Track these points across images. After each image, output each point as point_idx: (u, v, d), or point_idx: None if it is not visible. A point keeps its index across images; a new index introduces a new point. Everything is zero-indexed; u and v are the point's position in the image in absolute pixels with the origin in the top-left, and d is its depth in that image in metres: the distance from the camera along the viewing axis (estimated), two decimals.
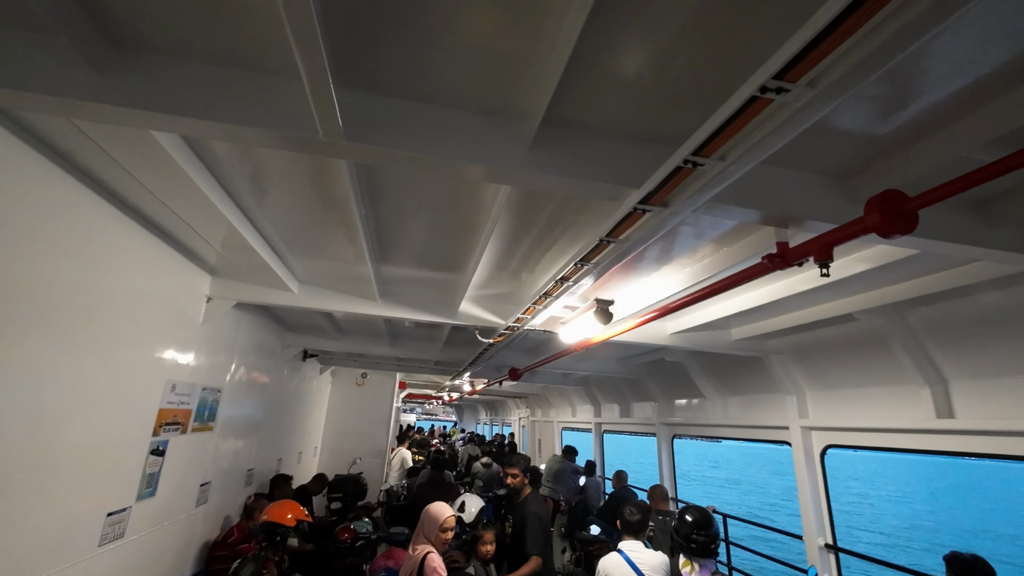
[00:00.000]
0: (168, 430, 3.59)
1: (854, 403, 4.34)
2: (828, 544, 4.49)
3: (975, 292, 3.09)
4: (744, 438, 5.99)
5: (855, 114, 1.81)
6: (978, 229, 2.26)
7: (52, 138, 2.14)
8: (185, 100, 1.66)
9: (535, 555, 3.66)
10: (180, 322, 3.71)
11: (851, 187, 2.17)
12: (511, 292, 4.30)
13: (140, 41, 1.67)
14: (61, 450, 2.54)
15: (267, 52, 1.67)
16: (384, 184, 2.58)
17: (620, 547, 3.29)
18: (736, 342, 4.73)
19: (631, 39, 1.53)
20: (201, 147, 2.26)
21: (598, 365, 7.38)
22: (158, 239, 3.23)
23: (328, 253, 3.66)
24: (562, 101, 1.77)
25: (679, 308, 2.97)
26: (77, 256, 2.52)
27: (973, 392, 3.41)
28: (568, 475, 8.52)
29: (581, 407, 11.10)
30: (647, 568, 3.12)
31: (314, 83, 1.44)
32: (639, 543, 3.30)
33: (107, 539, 2.95)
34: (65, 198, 2.38)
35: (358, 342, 7.29)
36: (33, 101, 1.62)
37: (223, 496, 4.90)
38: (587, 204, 2.62)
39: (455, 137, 1.86)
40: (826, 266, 1.95)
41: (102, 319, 2.77)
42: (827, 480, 4.63)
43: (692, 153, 1.51)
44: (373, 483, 8.92)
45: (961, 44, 1.45)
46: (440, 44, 1.60)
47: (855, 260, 2.86)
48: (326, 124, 1.63)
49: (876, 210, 1.63)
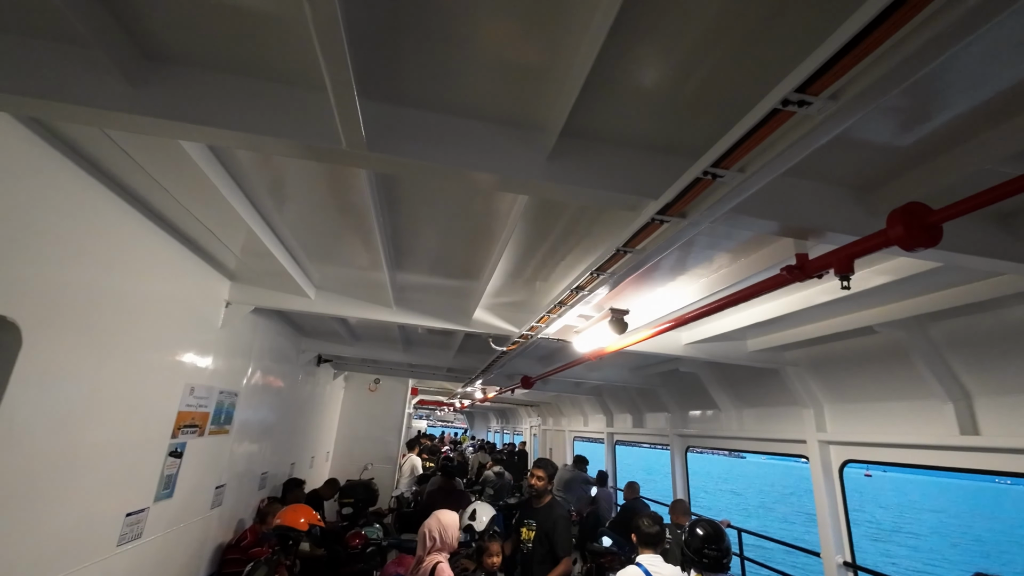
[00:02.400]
0: (186, 432, 3.65)
1: (874, 418, 4.25)
2: (847, 562, 4.38)
3: (999, 306, 3.02)
4: (760, 451, 5.89)
5: (877, 126, 1.80)
6: (1003, 242, 2.22)
7: (81, 145, 2.21)
8: (214, 111, 1.71)
9: (566, 557, 3.75)
10: (199, 326, 3.78)
11: (872, 199, 2.15)
12: (525, 300, 4.31)
13: (171, 54, 1.72)
14: (83, 451, 2.59)
15: (293, 64, 1.71)
16: (402, 192, 2.61)
17: (639, 560, 3.21)
18: (752, 353, 4.67)
19: (651, 51, 1.54)
20: (225, 155, 2.32)
21: (611, 374, 7.33)
22: (180, 244, 3.30)
23: (345, 259, 3.71)
24: (581, 112, 1.78)
25: (695, 319, 2.94)
26: (101, 260, 2.59)
27: (999, 408, 3.32)
28: (579, 485, 8.45)
29: (593, 416, 11.02)
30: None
31: (339, 95, 1.47)
32: (658, 557, 3.22)
33: (125, 539, 3.00)
34: (91, 203, 2.44)
35: (372, 348, 7.34)
36: (68, 111, 1.68)
37: (237, 499, 4.96)
38: (603, 214, 2.62)
39: (475, 147, 1.88)
40: (847, 278, 1.92)
41: (124, 322, 2.83)
42: (846, 496, 4.53)
43: (712, 165, 1.51)
44: (384, 489, 8.94)
45: (985, 56, 1.44)
46: (461, 56, 1.63)
47: (875, 272, 2.82)
48: (349, 135, 1.66)
49: (899, 222, 1.61)
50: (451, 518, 3.23)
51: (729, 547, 3.00)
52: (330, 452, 9.67)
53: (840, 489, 4.54)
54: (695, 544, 2.99)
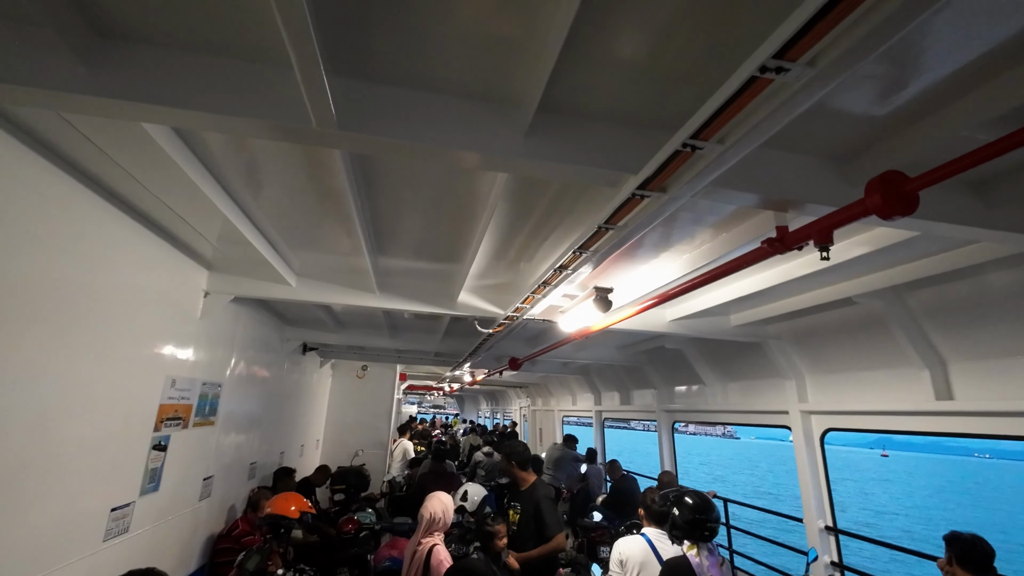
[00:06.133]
0: (169, 425, 3.59)
1: (854, 387, 4.36)
2: (828, 526, 4.53)
3: (974, 274, 3.08)
4: (744, 423, 6.02)
5: (854, 95, 1.79)
6: (978, 210, 2.25)
7: (41, 132, 2.10)
8: (175, 91, 1.63)
9: (559, 531, 3.75)
10: (178, 317, 3.69)
11: (851, 169, 2.15)
12: (510, 282, 4.29)
13: (128, 31, 1.63)
14: (62, 447, 2.54)
15: (258, 40, 1.64)
16: (380, 175, 2.56)
17: (644, 532, 3.21)
18: (735, 328, 4.74)
19: (627, 21, 1.50)
20: (194, 140, 2.23)
21: (598, 353, 7.39)
22: (153, 234, 3.20)
23: (325, 245, 3.64)
24: (558, 86, 1.74)
25: (678, 295, 2.95)
26: (72, 253, 2.50)
27: (972, 374, 3.42)
28: (569, 463, 8.58)
29: (582, 395, 11.15)
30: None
31: (305, 70, 1.42)
32: (663, 533, 3.13)
33: (112, 534, 2.97)
34: (57, 194, 2.35)
35: (357, 335, 7.29)
36: (19, 94, 1.59)
37: (227, 490, 4.93)
38: (584, 191, 2.60)
39: (450, 125, 1.83)
40: (826, 249, 1.94)
41: (99, 316, 2.75)
42: (827, 463, 4.66)
43: (691, 136, 1.49)
44: (376, 474, 8.97)
45: (960, 21, 1.43)
46: (434, 30, 1.58)
47: (854, 243, 2.85)
48: (319, 113, 1.61)
49: (876, 192, 1.62)
50: (449, 499, 3.33)
51: (719, 517, 2.94)
52: (320, 440, 9.66)
53: (821, 457, 4.67)
54: (686, 515, 2.76)
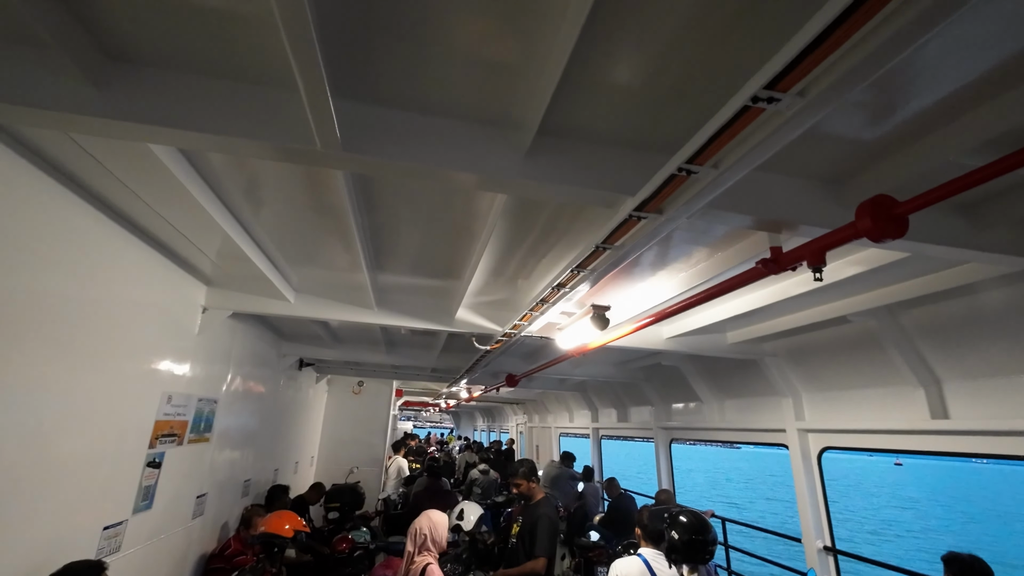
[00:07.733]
0: (164, 442, 3.56)
1: (850, 405, 4.37)
2: (827, 547, 4.50)
3: (966, 293, 3.13)
4: (741, 441, 6.01)
5: (845, 120, 1.85)
6: (967, 232, 2.30)
7: (47, 150, 2.13)
8: (182, 113, 1.67)
9: (542, 556, 3.62)
10: (176, 333, 3.69)
11: (842, 192, 2.21)
12: (507, 299, 4.31)
13: (137, 54, 1.67)
14: (56, 464, 2.51)
15: (264, 64, 1.68)
16: (380, 193, 2.59)
17: (641, 552, 3.18)
18: (732, 346, 4.76)
19: (625, 47, 1.55)
20: (197, 158, 2.27)
21: (595, 370, 7.38)
22: (153, 250, 3.22)
23: (324, 262, 3.66)
24: (557, 109, 1.79)
25: (675, 313, 2.98)
26: (71, 268, 2.51)
27: (967, 392, 3.44)
28: (566, 481, 8.49)
29: (578, 412, 11.09)
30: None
31: (312, 95, 1.46)
32: (660, 554, 3.12)
33: (103, 552, 2.92)
34: (59, 210, 2.37)
35: (354, 350, 7.26)
36: (30, 116, 1.62)
37: (220, 508, 4.86)
38: (582, 212, 2.64)
39: (451, 147, 1.87)
40: (819, 270, 1.97)
41: (97, 331, 2.75)
42: (824, 482, 4.65)
43: (686, 161, 1.54)
44: (371, 492, 8.86)
45: (943, 52, 1.49)
46: (436, 55, 1.62)
47: (848, 263, 2.89)
48: (324, 135, 1.65)
49: (867, 215, 1.66)
50: (441, 518, 3.24)
51: (715, 538, 2.93)
52: (315, 457, 9.55)
53: (819, 476, 4.65)
54: (685, 536, 2.76)
